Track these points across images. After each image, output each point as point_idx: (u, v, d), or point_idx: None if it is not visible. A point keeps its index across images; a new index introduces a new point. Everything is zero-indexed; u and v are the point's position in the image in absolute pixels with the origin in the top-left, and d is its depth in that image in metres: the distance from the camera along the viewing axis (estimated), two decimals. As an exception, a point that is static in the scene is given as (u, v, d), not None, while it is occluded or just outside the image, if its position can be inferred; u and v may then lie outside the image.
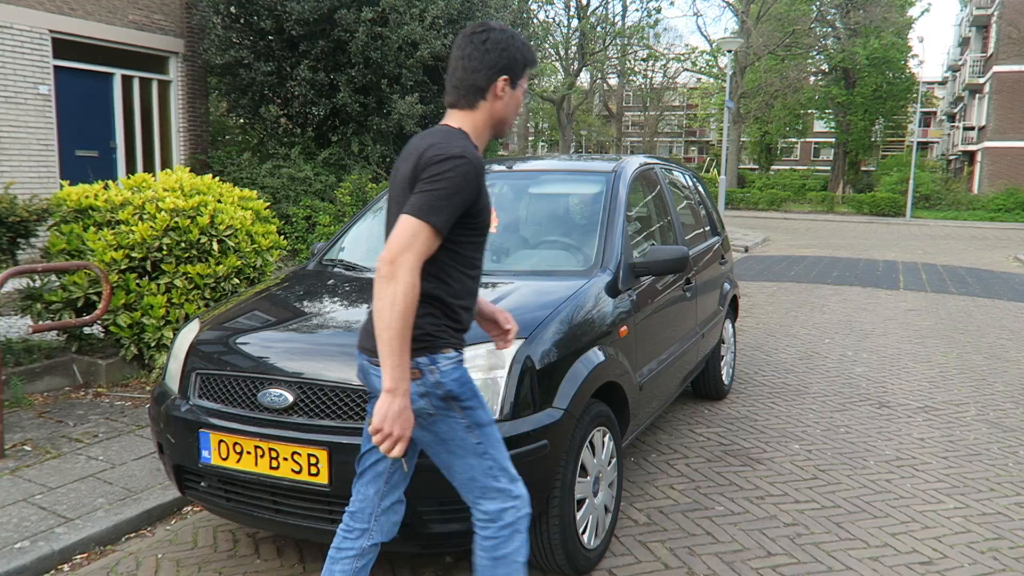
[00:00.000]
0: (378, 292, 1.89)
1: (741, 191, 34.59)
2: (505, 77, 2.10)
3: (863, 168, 50.05)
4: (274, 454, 2.57)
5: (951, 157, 48.23)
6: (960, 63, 47.13)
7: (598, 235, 3.45)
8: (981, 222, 28.18)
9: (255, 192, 5.77)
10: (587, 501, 2.93)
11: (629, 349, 3.31)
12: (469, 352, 2.61)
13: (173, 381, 2.99)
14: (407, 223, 1.90)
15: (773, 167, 53.76)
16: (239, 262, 5.13)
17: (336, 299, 3.26)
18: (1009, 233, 24.03)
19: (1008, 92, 33.24)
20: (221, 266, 5.03)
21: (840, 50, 37.69)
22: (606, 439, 3.07)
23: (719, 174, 22.12)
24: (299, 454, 2.54)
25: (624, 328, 3.26)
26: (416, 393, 2.00)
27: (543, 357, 2.70)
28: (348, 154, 11.54)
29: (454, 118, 2.12)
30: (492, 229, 3.85)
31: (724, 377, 5.34)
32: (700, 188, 5.44)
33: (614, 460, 3.17)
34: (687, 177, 5.22)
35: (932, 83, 59.72)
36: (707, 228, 5.21)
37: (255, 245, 5.28)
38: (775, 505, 3.67)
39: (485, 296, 3.04)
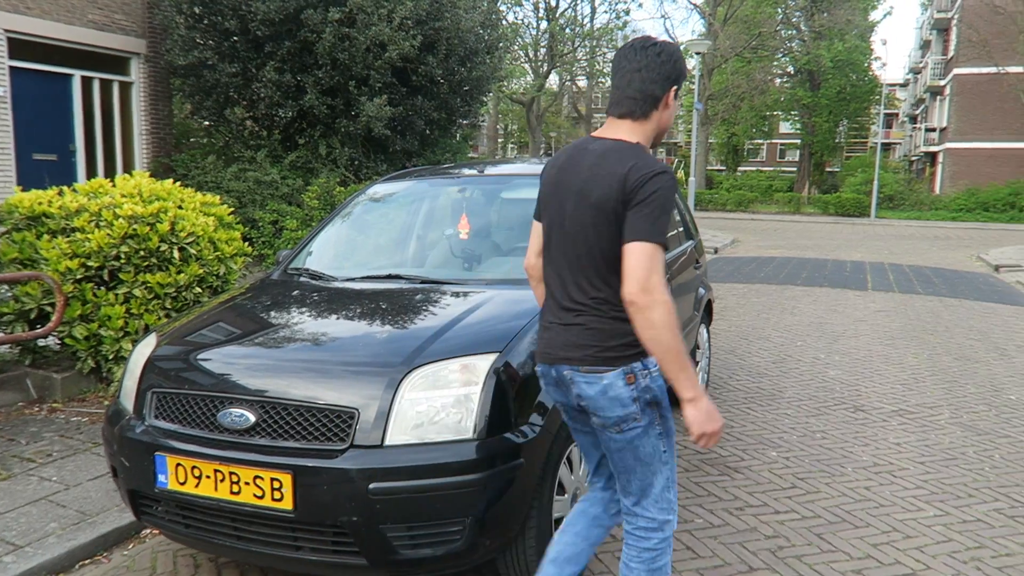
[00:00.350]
0: (644, 323, 1.94)
1: (709, 192, 34.88)
2: (675, 87, 2.17)
3: (828, 169, 50.78)
4: (235, 478, 2.43)
5: (913, 158, 49.12)
6: (921, 65, 48.03)
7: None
8: (943, 222, 28.70)
9: (218, 197, 5.59)
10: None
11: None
12: (441, 367, 2.50)
13: (128, 400, 2.83)
14: (644, 249, 1.96)
15: (740, 168, 54.37)
16: (201, 270, 4.95)
17: (302, 311, 3.13)
18: (971, 233, 24.48)
19: (968, 94, 33.92)
20: (182, 275, 4.85)
21: (805, 52, 38.20)
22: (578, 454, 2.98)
23: (688, 176, 22.22)
24: (261, 478, 2.40)
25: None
26: (629, 397, 2.09)
27: (518, 371, 2.59)
28: (316, 157, 11.33)
29: (625, 130, 2.15)
30: (463, 235, 3.75)
31: (700, 383, 5.27)
32: (674, 192, 5.37)
33: (592, 475, 3.07)
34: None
35: (894, 85, 60.80)
36: (681, 231, 5.14)
37: (218, 252, 5.10)
38: (755, 516, 3.60)
39: (456, 306, 2.93)
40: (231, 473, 2.43)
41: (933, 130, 39.56)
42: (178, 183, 5.39)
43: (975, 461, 4.41)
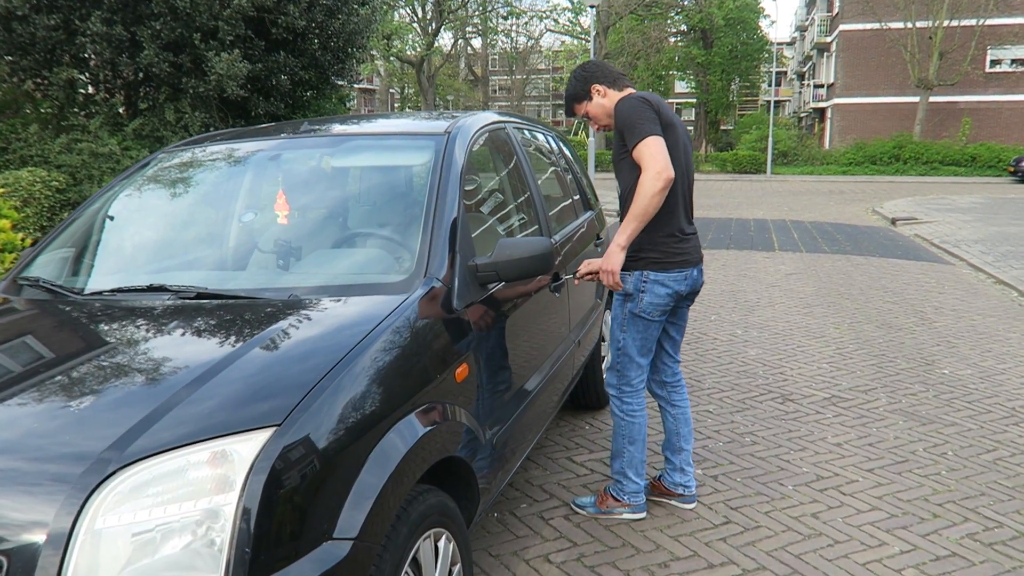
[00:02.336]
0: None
1: (609, 152, 34.42)
2: None
3: (723, 127, 51.42)
4: None
5: (802, 114, 50.31)
6: (808, 23, 48.95)
7: (422, 228, 2.32)
8: (834, 176, 29.24)
9: (45, 173, 4.25)
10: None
11: (472, 395, 2.23)
12: (168, 463, 1.46)
13: None
14: None
15: (639, 128, 54.22)
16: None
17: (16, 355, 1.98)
18: (862, 186, 24.89)
19: (854, 50, 34.57)
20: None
21: (698, 11, 38.05)
22: (443, 543, 2.01)
23: (588, 136, 21.49)
24: None
25: (463, 367, 2.17)
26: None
27: (313, 453, 1.58)
28: (164, 124, 9.79)
29: None
30: (282, 219, 2.69)
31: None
32: (567, 152, 4.42)
33: (459, 566, 2.11)
34: (550, 139, 4.18)
35: (782, 44, 62.06)
36: (576, 199, 4.21)
37: (-31, 250, 3.82)
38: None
39: (229, 338, 1.88)
40: None
41: (821, 86, 40.38)
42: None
43: (928, 462, 3.72)
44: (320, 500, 1.57)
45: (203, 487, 1.46)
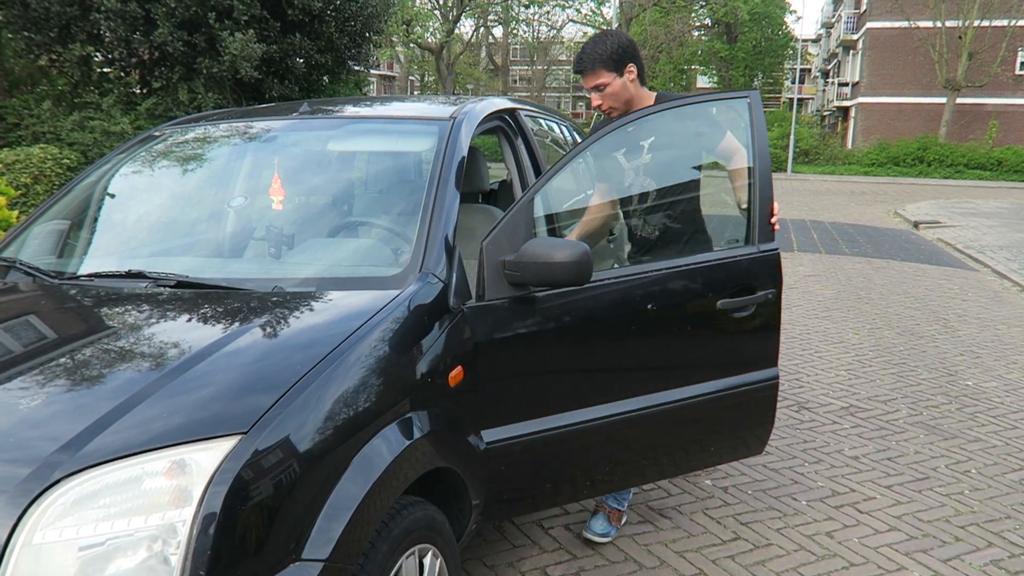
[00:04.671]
0: None
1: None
2: None
3: (744, 124, 50.77)
4: None
5: (825, 113, 49.64)
6: (834, 19, 48.24)
7: (419, 220, 2.16)
8: (856, 176, 28.78)
9: (56, 150, 4.13)
10: None
11: (469, 401, 2.07)
12: (119, 472, 1.32)
13: None
14: None
15: (659, 123, 53.75)
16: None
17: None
18: (885, 187, 24.48)
19: (881, 48, 34.00)
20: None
21: (723, 4, 37.55)
22: (428, 560, 1.86)
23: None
24: None
25: (458, 370, 2.02)
26: None
27: (282, 465, 1.43)
28: (177, 104, 9.70)
29: None
30: (277, 204, 2.55)
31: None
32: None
33: (447, 584, 1.96)
34: (564, 129, 4.01)
35: (807, 40, 61.25)
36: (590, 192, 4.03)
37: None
38: (688, 596, 2.59)
39: (199, 333, 1.73)
40: None
41: (846, 84, 39.79)
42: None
43: (950, 480, 3.54)
44: (289, 516, 1.42)
45: (159, 500, 1.32)
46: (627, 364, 2.42)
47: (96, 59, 10.23)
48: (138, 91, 10.56)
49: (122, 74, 10.46)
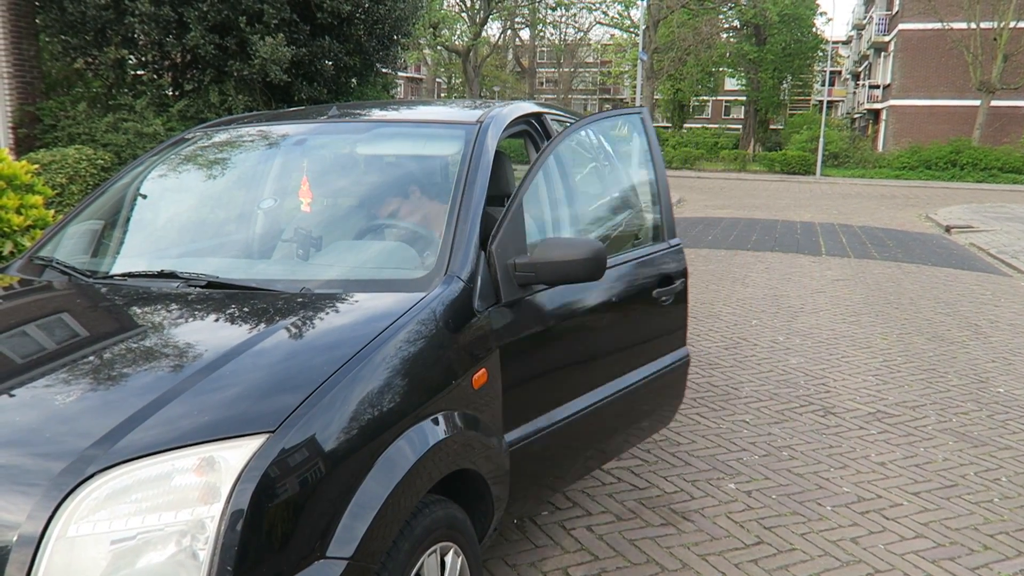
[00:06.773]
0: None
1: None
2: None
3: (772, 127, 50.38)
4: None
5: (855, 115, 49.02)
6: (865, 21, 47.64)
7: (446, 223, 2.19)
8: (887, 180, 28.38)
9: (90, 150, 4.24)
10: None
11: (491, 404, 2.09)
12: (151, 468, 1.36)
13: None
14: None
15: (686, 125, 53.55)
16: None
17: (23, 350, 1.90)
18: (915, 191, 24.13)
19: (913, 50, 33.52)
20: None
21: (752, 6, 37.23)
22: (450, 558, 1.88)
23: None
24: None
25: (482, 372, 2.04)
26: None
27: (308, 463, 1.46)
28: (208, 106, 9.84)
29: None
30: (305, 207, 2.59)
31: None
32: (607, 147, 4.24)
33: (468, 582, 1.99)
34: (591, 133, 4.00)
35: (837, 43, 60.54)
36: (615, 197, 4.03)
37: (0, 225, 3.81)
38: (710, 601, 2.59)
39: (230, 334, 1.77)
40: None
41: (877, 87, 39.28)
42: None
43: (979, 488, 3.49)
44: (315, 514, 1.45)
45: (188, 496, 1.35)
46: (607, 350, 2.75)
47: (130, 62, 10.42)
48: (170, 93, 10.74)
49: (155, 77, 10.63)
